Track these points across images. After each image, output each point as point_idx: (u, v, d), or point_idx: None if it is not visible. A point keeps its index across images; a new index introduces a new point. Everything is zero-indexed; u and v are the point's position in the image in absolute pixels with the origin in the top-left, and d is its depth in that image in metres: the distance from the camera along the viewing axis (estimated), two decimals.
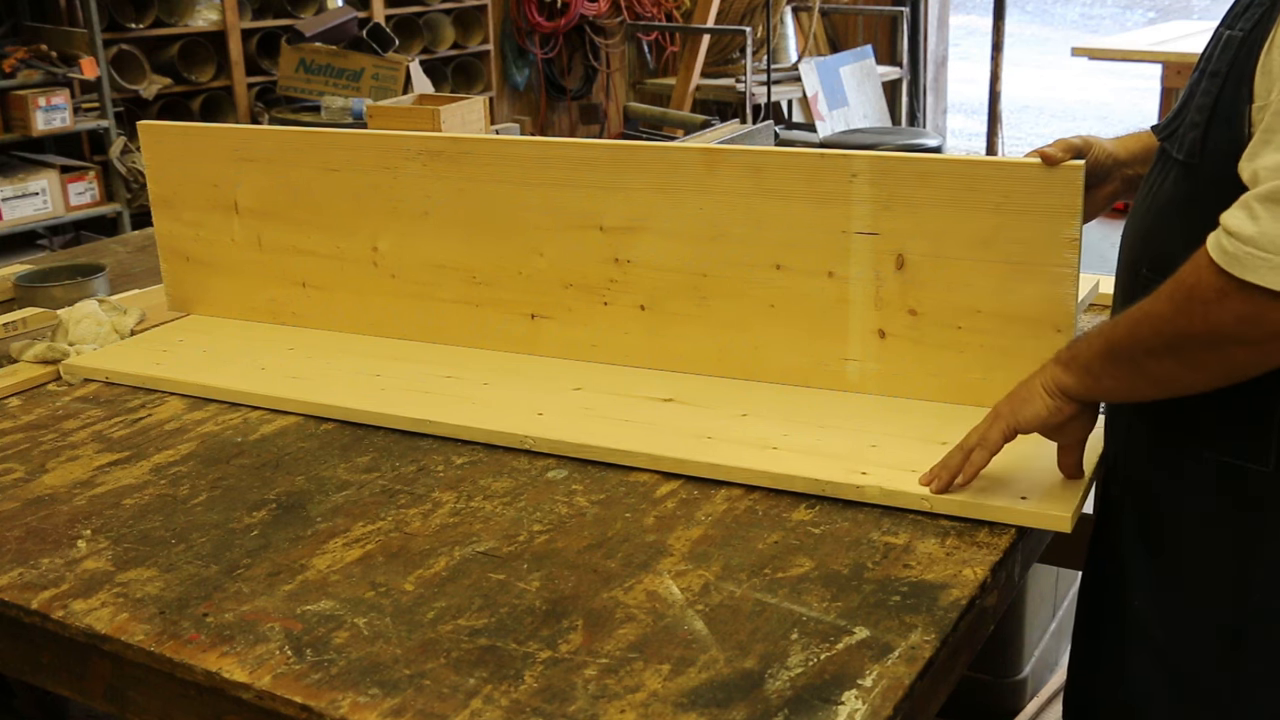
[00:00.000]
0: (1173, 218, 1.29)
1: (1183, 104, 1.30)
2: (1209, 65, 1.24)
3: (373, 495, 1.50)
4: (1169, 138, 1.31)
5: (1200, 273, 1.12)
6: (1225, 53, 1.21)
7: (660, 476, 1.51)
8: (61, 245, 5.04)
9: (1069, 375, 1.30)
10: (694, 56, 6.69)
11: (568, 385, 1.76)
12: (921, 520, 1.38)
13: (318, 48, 5.40)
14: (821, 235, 1.64)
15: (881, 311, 1.64)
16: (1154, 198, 1.33)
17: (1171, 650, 1.34)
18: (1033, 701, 2.61)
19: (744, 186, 1.67)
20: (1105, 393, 1.31)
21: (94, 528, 1.44)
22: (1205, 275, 1.12)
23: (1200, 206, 1.20)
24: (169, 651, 1.19)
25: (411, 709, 1.08)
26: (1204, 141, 1.22)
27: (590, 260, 1.80)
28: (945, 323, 1.60)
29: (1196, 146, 1.23)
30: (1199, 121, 1.23)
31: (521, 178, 1.82)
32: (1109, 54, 5.43)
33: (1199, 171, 1.23)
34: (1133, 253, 1.37)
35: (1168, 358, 1.19)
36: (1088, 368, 1.28)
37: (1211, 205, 1.15)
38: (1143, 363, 1.22)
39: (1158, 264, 1.29)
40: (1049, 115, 10.09)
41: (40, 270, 2.34)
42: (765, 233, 1.67)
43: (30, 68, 4.87)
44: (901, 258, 1.60)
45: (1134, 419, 1.38)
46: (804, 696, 1.08)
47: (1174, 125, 1.30)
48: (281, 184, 2.01)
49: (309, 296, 2.05)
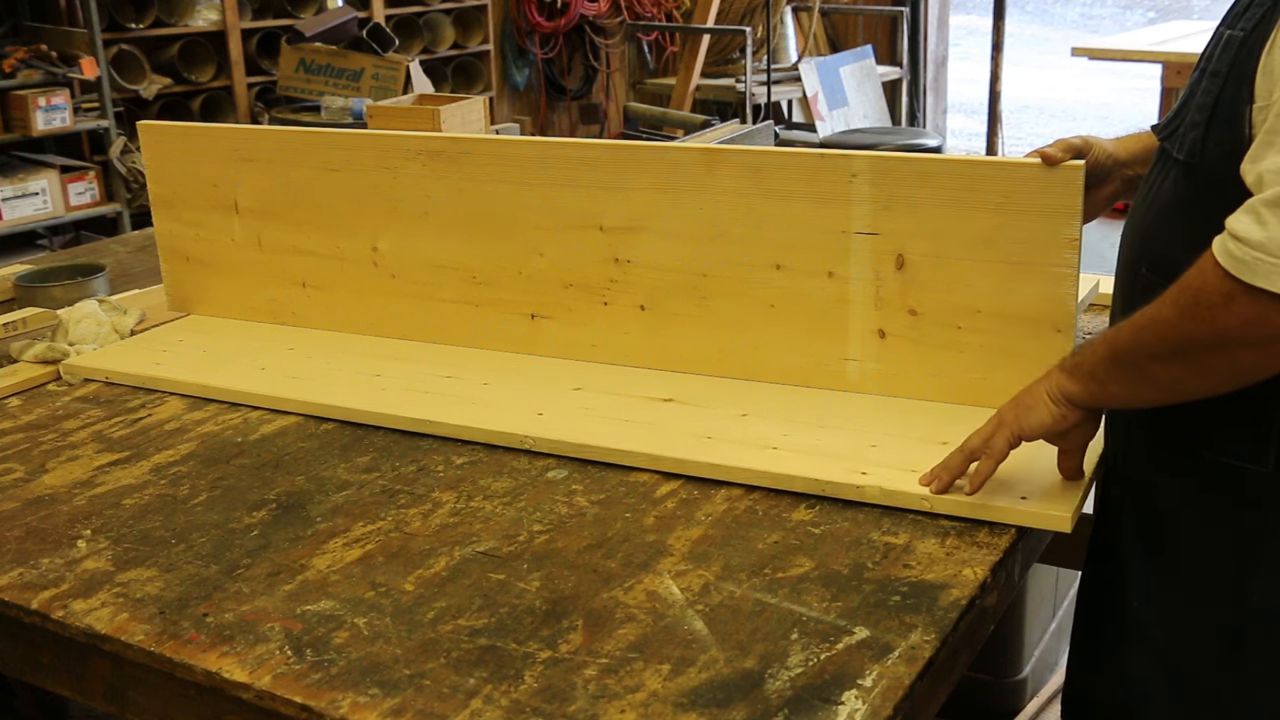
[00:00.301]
0: (1173, 218, 1.29)
1: (1183, 103, 1.29)
2: (1209, 65, 1.24)
3: (373, 495, 1.50)
4: (1169, 137, 1.30)
5: (1206, 277, 1.12)
6: (1226, 52, 1.21)
7: (660, 476, 1.51)
8: (61, 245, 5.04)
9: (1074, 382, 1.29)
10: (694, 56, 6.69)
11: (568, 385, 1.76)
12: (921, 520, 1.38)
13: (318, 48, 5.40)
14: (821, 235, 1.64)
15: (881, 311, 1.64)
16: (1154, 198, 1.33)
17: (1171, 650, 1.34)
18: (1033, 701, 2.61)
19: (744, 186, 1.67)
20: (1111, 399, 1.30)
21: (94, 528, 1.44)
22: (1211, 279, 1.12)
23: (1201, 207, 1.20)
24: (169, 651, 1.19)
25: (411, 709, 1.09)
26: (1204, 142, 1.22)
27: (590, 260, 1.80)
28: (945, 323, 1.60)
29: (1197, 146, 1.23)
30: (1199, 121, 1.23)
31: (521, 178, 1.82)
32: (1109, 54, 5.43)
33: (1199, 172, 1.23)
34: (1132, 253, 1.37)
35: (1174, 362, 1.19)
36: (1092, 374, 1.27)
37: (1212, 206, 1.15)
38: (1148, 368, 1.21)
39: (1157, 265, 1.29)
40: (1049, 115, 10.09)
41: (40, 270, 2.34)
42: (765, 233, 1.67)
43: (30, 68, 4.87)
44: (901, 258, 1.60)
45: (1133, 420, 1.38)
46: (804, 696, 1.08)
47: (1174, 125, 1.30)
48: (281, 184, 2.01)
49: (309, 296, 2.05)
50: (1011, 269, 1.55)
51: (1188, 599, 1.32)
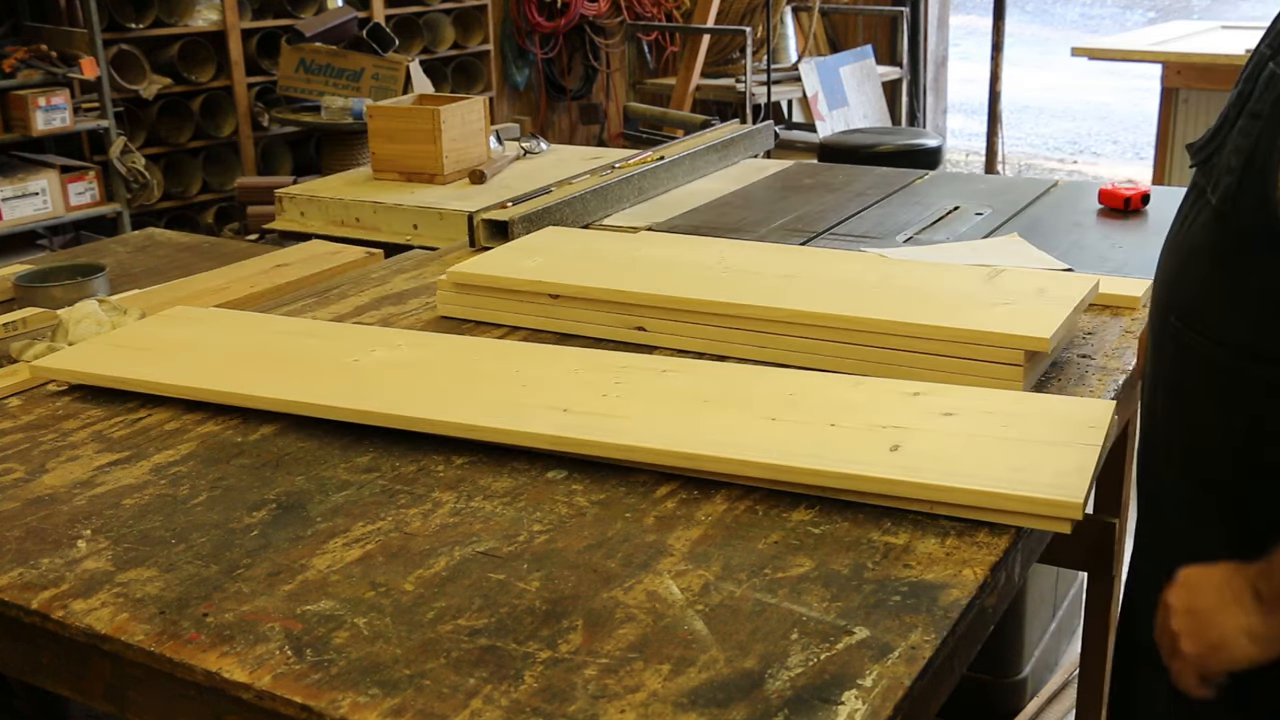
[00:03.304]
0: (1203, 266, 1.21)
1: (1219, 127, 1.22)
2: (1249, 103, 1.16)
3: (373, 495, 1.50)
4: (1204, 164, 1.23)
5: None
6: (1269, 92, 1.13)
7: (660, 476, 1.51)
8: (61, 245, 5.04)
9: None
10: (694, 56, 6.69)
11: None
12: (921, 520, 1.38)
13: (318, 48, 5.39)
14: None
15: None
16: (1186, 237, 1.25)
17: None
18: (1033, 701, 2.61)
19: None
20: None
21: (94, 528, 1.44)
22: None
23: (1230, 257, 1.15)
24: (169, 651, 1.19)
25: (411, 709, 1.09)
26: (1238, 189, 1.15)
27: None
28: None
29: (1230, 193, 1.16)
30: (1235, 166, 1.15)
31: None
32: (1109, 54, 5.43)
33: (1231, 221, 1.16)
34: (1164, 297, 1.29)
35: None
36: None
37: (1242, 257, 1.10)
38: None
39: (1186, 314, 1.23)
40: (1049, 115, 10.10)
41: (40, 270, 2.34)
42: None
43: (30, 68, 4.87)
44: None
45: (1160, 465, 1.28)
46: (804, 696, 1.08)
47: (1209, 151, 1.22)
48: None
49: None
50: None
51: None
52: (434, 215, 2.98)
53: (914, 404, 1.58)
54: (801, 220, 2.60)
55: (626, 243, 2.24)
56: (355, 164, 4.58)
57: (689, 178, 3.04)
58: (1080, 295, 1.80)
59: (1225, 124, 1.21)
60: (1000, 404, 1.57)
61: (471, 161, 3.28)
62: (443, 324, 2.09)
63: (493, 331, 2.04)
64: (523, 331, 2.04)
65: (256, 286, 2.35)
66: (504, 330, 2.05)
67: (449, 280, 2.11)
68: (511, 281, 2.05)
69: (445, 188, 3.18)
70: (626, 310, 1.95)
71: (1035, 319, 1.71)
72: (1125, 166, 8.62)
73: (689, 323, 1.91)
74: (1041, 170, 8.56)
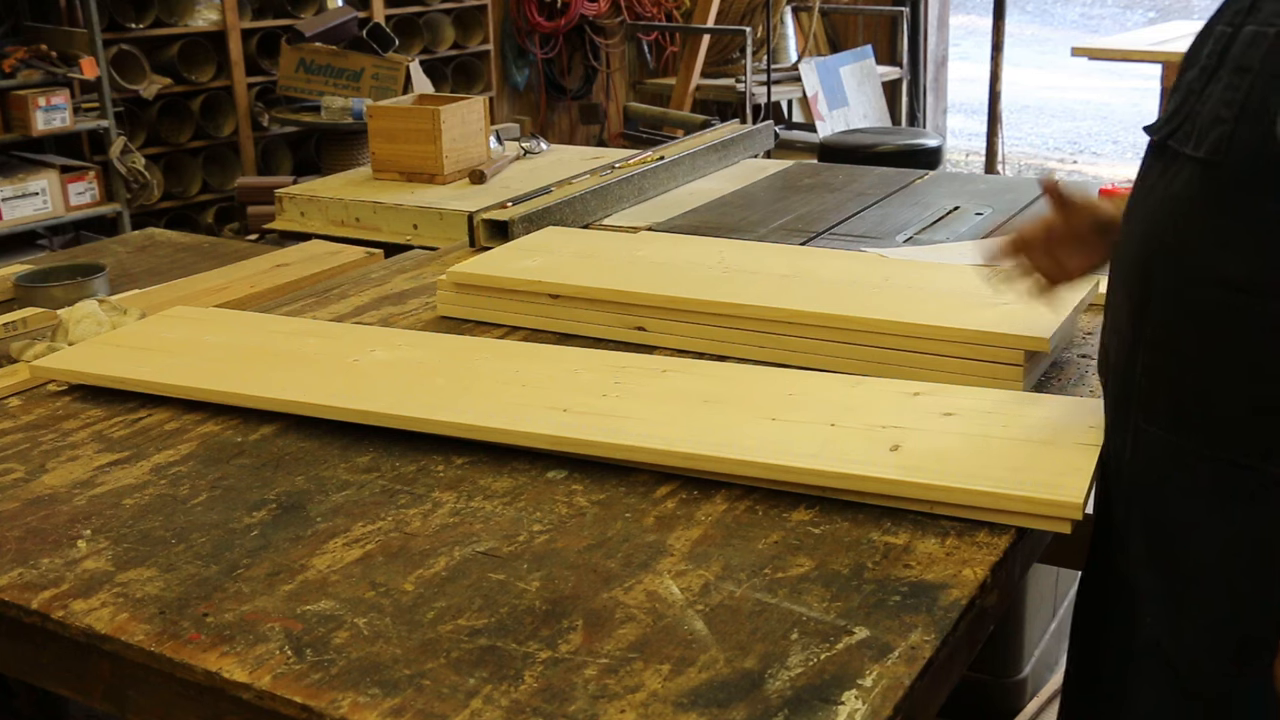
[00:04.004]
0: (1192, 218, 1.23)
1: (1182, 101, 1.26)
2: (1231, 61, 1.20)
3: (373, 495, 1.50)
4: (1173, 134, 1.26)
5: None
6: (1254, 49, 1.17)
7: (660, 476, 1.51)
8: (61, 245, 5.04)
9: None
10: (694, 56, 6.69)
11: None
12: (921, 520, 1.38)
13: (318, 48, 5.39)
14: None
15: None
16: (1165, 197, 1.27)
17: (1186, 668, 1.27)
18: (1033, 701, 2.61)
19: None
20: None
21: (94, 528, 1.44)
22: None
23: (1228, 205, 1.18)
24: (169, 651, 1.19)
25: (411, 709, 1.09)
26: (1231, 139, 1.18)
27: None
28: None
29: (1222, 144, 1.19)
30: (1226, 117, 1.19)
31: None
32: (1109, 54, 5.44)
33: (1223, 170, 1.19)
34: (1144, 250, 1.31)
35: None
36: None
37: (1242, 203, 1.13)
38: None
39: (1171, 265, 1.24)
40: (1049, 115, 10.10)
41: (40, 270, 2.34)
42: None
43: (30, 68, 4.87)
44: None
45: (1142, 420, 1.32)
46: (804, 696, 1.08)
47: (1176, 123, 1.27)
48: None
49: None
50: None
51: (1204, 613, 1.26)
52: (434, 215, 2.98)
53: (914, 404, 1.58)
54: (801, 220, 2.61)
55: (626, 243, 2.24)
56: (355, 164, 4.58)
57: (689, 178, 3.04)
58: (1080, 295, 1.80)
59: (1191, 96, 1.24)
60: (1000, 404, 1.57)
61: (471, 161, 3.28)
62: (443, 324, 2.09)
63: (493, 331, 2.04)
64: (523, 331, 2.04)
65: (256, 286, 2.35)
66: (504, 330, 2.05)
67: (449, 280, 2.11)
68: (511, 281, 2.05)
69: (445, 188, 3.18)
70: (626, 310, 1.95)
71: (1035, 319, 1.71)
72: (1125, 166, 8.62)
73: (689, 323, 1.92)
74: (1041, 170, 8.56)
